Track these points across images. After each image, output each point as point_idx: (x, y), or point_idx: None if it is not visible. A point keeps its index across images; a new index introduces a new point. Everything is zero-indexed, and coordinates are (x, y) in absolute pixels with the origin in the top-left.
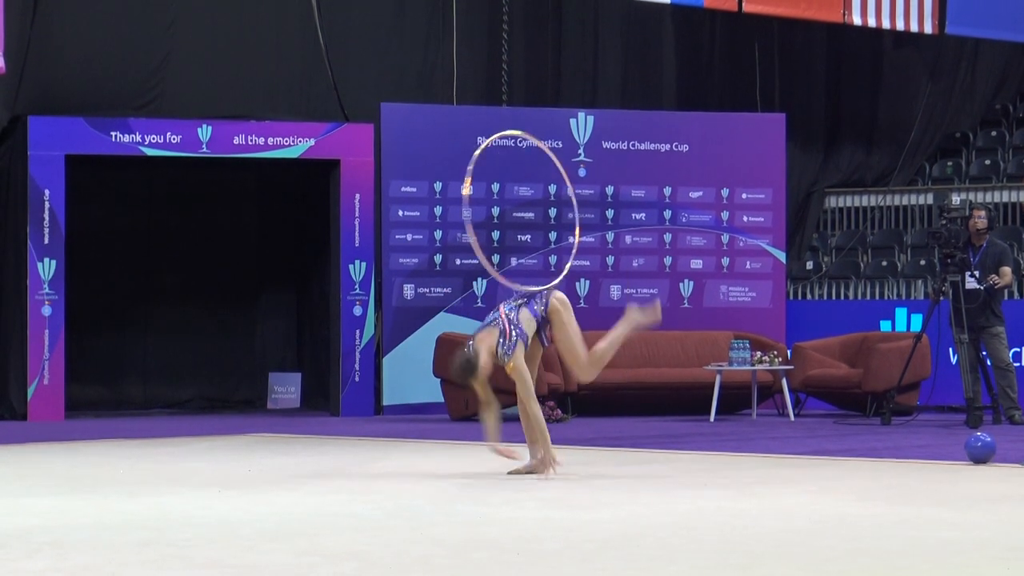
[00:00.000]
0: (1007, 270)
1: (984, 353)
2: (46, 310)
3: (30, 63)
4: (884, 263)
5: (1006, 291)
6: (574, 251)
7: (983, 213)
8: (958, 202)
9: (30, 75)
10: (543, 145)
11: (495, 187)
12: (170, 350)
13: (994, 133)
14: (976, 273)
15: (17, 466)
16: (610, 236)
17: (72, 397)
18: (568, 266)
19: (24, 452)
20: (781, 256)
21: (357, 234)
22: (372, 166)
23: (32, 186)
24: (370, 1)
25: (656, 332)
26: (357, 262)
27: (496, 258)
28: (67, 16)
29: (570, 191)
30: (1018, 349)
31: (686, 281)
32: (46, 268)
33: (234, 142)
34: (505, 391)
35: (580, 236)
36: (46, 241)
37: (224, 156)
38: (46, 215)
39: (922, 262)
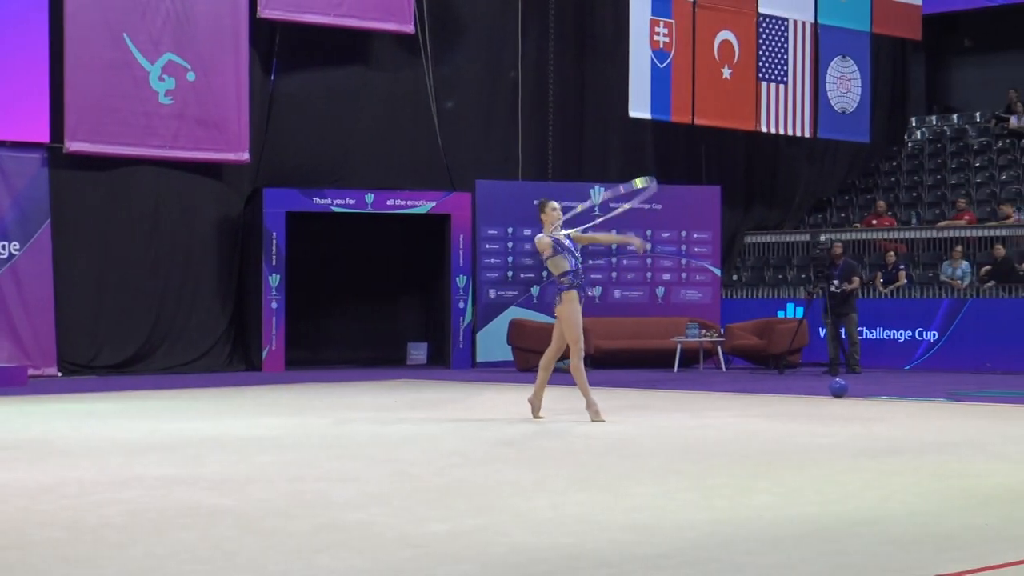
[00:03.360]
0: (856, 279)
1: (842, 330)
2: (273, 305)
3: (265, 155)
4: (779, 275)
5: (857, 291)
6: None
7: (839, 244)
8: (824, 239)
9: (265, 162)
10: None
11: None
12: (348, 328)
13: (847, 197)
14: (836, 281)
15: (255, 398)
16: (614, 260)
17: (289, 357)
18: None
19: (260, 391)
20: (718, 272)
21: (461, 259)
22: (470, 218)
23: (266, 230)
24: (469, 105)
25: (642, 318)
26: (461, 276)
27: (544, 273)
28: (287, 124)
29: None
30: (862, 327)
31: (660, 287)
32: (273, 280)
33: (387, 203)
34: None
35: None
36: (274, 263)
37: (381, 212)
38: (274, 248)
39: (802, 275)
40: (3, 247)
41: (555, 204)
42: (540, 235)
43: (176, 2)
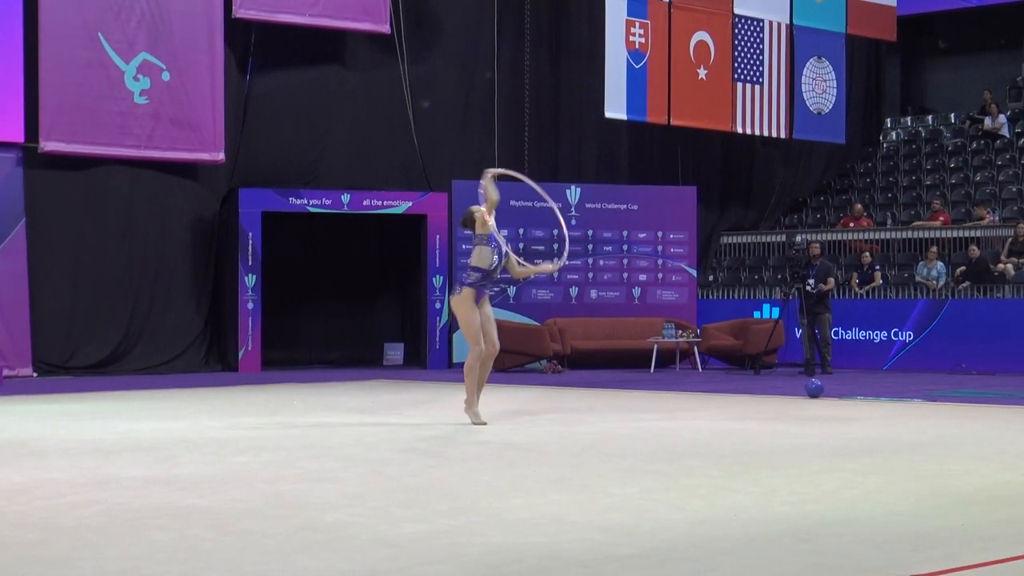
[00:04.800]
0: (831, 279)
1: (816, 330)
2: (250, 305)
3: (240, 155)
4: (756, 276)
5: (832, 292)
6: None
7: (817, 244)
8: (800, 240)
9: (240, 162)
10: (541, 190)
11: (520, 231)
12: (324, 328)
13: (822, 198)
14: (812, 281)
15: (230, 399)
16: (590, 260)
17: (266, 357)
18: (565, 251)
19: (236, 391)
20: (694, 272)
21: (437, 259)
22: (447, 219)
23: (241, 230)
24: (445, 105)
25: (618, 318)
26: (437, 276)
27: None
28: (262, 124)
29: (565, 231)
30: (838, 328)
31: (636, 287)
32: (250, 280)
33: (363, 203)
34: (512, 351)
35: (567, 260)
36: (250, 263)
37: (357, 212)
38: (250, 248)
39: (778, 276)
40: None
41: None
42: (482, 209)
43: (151, 2)
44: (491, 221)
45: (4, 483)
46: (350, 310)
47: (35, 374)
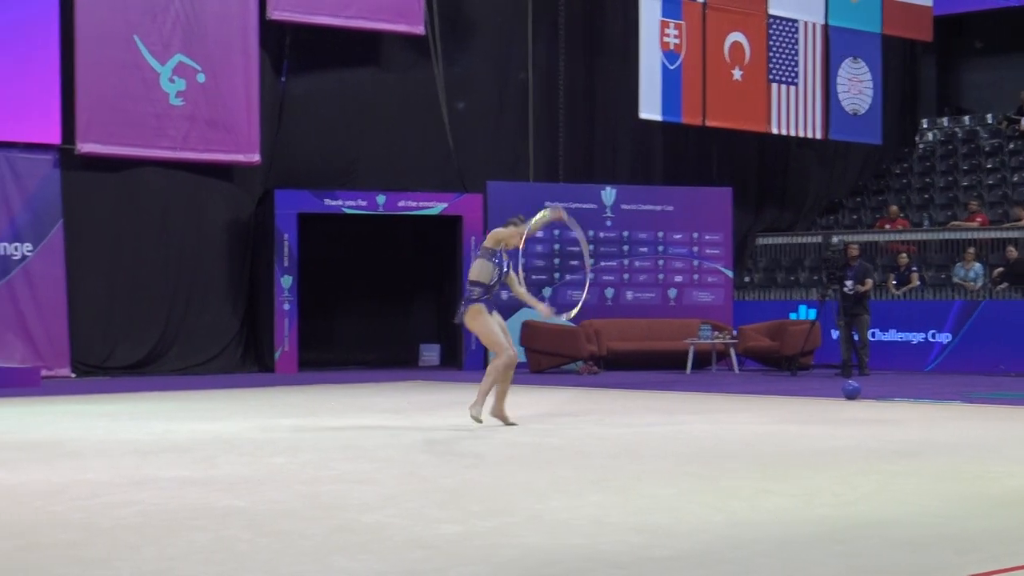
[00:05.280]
0: (869, 281)
1: (854, 332)
2: (286, 306)
3: (276, 157)
4: (791, 277)
5: (870, 293)
6: (586, 287)
7: (856, 246)
8: (836, 241)
9: (275, 164)
10: (578, 230)
11: (556, 232)
12: (360, 329)
13: (858, 199)
14: (849, 283)
15: (267, 400)
16: (626, 262)
17: (302, 358)
18: (581, 301)
19: (273, 392)
20: (729, 273)
21: (472, 260)
22: (482, 220)
23: (277, 232)
24: (480, 106)
25: (654, 319)
26: None
27: (557, 275)
28: (297, 125)
29: (586, 253)
30: (875, 329)
31: (672, 289)
32: (286, 281)
33: (398, 204)
34: (548, 352)
35: (592, 265)
36: (286, 264)
37: (392, 213)
38: (286, 249)
39: (814, 277)
40: (16, 248)
41: (525, 232)
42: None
43: (186, 4)
44: (515, 244)
45: (42, 484)
46: (386, 311)
47: (73, 375)
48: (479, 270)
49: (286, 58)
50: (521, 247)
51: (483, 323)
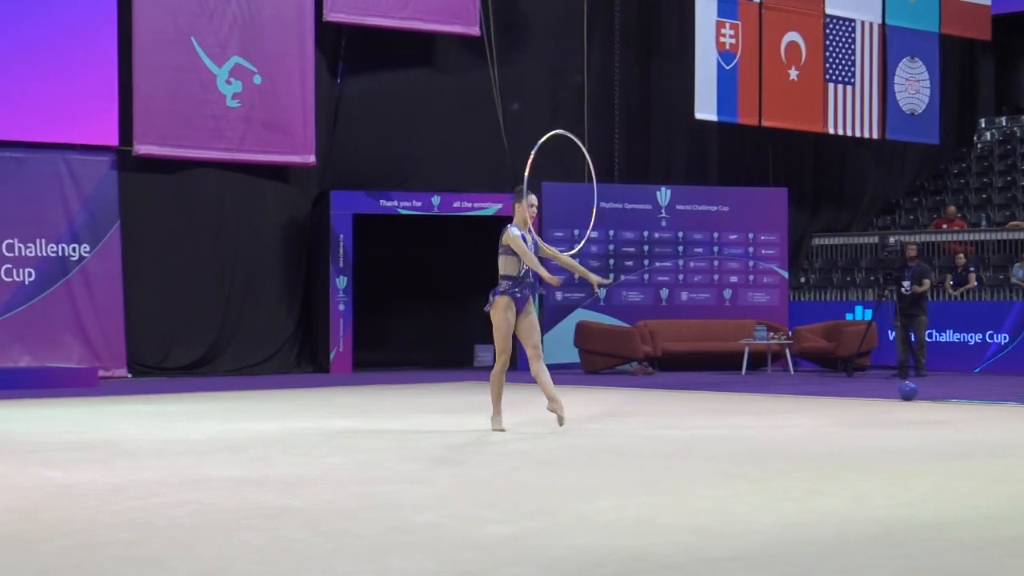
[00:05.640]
0: (927, 281)
1: (911, 332)
2: (341, 307)
3: (331, 158)
4: (848, 278)
5: (928, 294)
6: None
7: (914, 246)
8: (893, 242)
9: (331, 165)
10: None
11: (611, 232)
12: (415, 329)
13: (915, 199)
14: (907, 283)
15: (322, 400)
16: (681, 262)
17: (356, 359)
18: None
19: (327, 392)
20: (785, 274)
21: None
22: (537, 220)
23: (333, 232)
24: (535, 107)
25: (709, 320)
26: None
27: (611, 275)
28: (353, 126)
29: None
30: (932, 330)
31: (727, 289)
32: (341, 282)
33: (453, 205)
34: (602, 353)
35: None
36: (341, 265)
37: (447, 214)
38: (341, 250)
39: (871, 278)
40: (73, 249)
41: (534, 199)
42: (513, 230)
43: (243, 6)
44: (519, 235)
45: (99, 484)
46: (440, 311)
47: (129, 375)
48: (504, 264)
49: (342, 59)
50: (534, 217)
51: (499, 319)
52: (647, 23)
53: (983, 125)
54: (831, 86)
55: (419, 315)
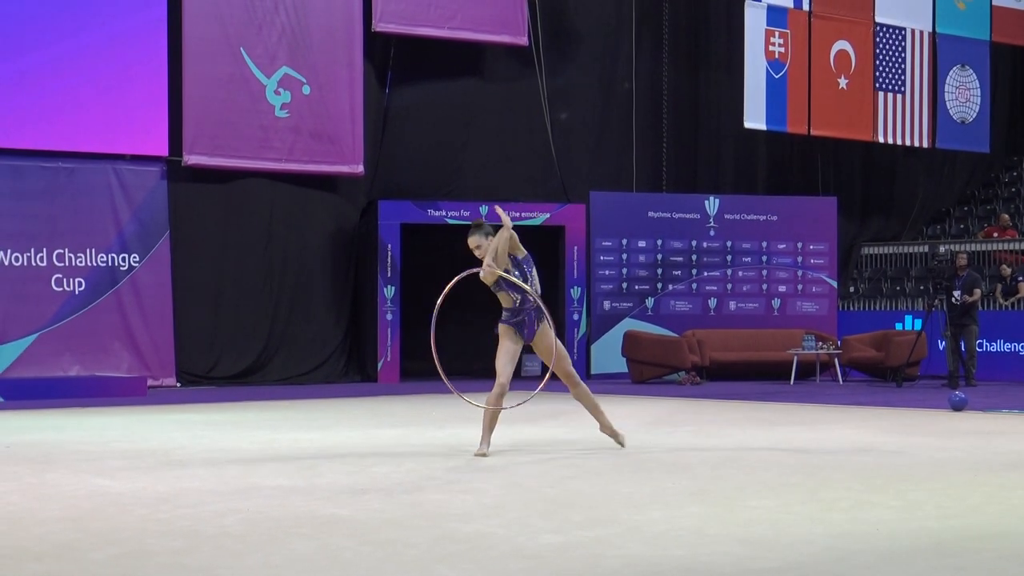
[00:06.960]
0: (977, 291)
1: (961, 342)
2: (389, 316)
3: (380, 167)
4: (897, 287)
5: (978, 303)
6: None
7: (964, 255)
8: (943, 251)
9: (379, 174)
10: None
11: (659, 242)
12: (463, 338)
13: (966, 208)
14: (957, 293)
15: (370, 409)
16: (729, 272)
17: (404, 368)
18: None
19: (375, 401)
20: (834, 283)
21: (575, 270)
22: (585, 230)
23: (381, 242)
24: (583, 116)
25: (757, 330)
26: (576, 287)
27: (659, 285)
28: (401, 136)
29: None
30: (982, 340)
31: (776, 299)
32: (389, 291)
33: None
34: (650, 363)
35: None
36: (388, 274)
37: (495, 223)
38: (389, 259)
39: (920, 287)
40: (123, 259)
41: (470, 242)
42: (490, 266)
43: (291, 17)
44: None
45: (148, 492)
46: (488, 321)
47: (178, 384)
48: (501, 299)
49: (390, 69)
50: (498, 254)
51: (501, 344)
52: (696, 32)
53: None
54: (881, 95)
55: (467, 324)
